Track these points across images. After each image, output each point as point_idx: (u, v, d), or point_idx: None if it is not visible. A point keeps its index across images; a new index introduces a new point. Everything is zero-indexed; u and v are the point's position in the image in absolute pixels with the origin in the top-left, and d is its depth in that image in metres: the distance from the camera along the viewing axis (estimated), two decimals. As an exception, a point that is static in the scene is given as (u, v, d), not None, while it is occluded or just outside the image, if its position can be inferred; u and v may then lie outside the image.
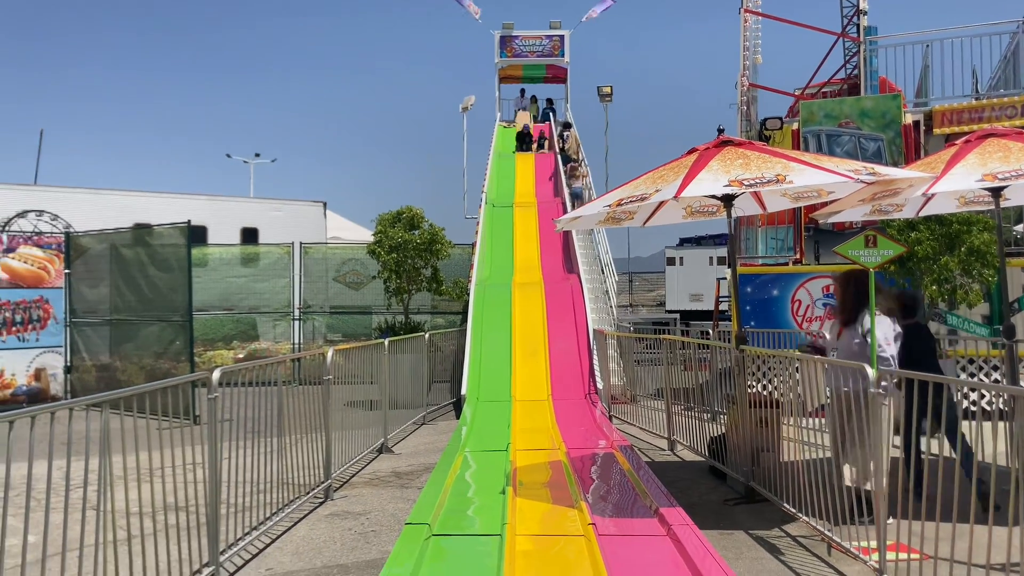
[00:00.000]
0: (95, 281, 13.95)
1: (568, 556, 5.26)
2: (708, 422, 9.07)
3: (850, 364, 5.62)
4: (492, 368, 13.78)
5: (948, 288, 10.28)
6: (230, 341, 18.11)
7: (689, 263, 32.69)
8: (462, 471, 7.86)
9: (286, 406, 6.48)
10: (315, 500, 7.18)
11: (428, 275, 15.39)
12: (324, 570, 5.39)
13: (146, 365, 12.87)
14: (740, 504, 6.90)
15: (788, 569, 5.28)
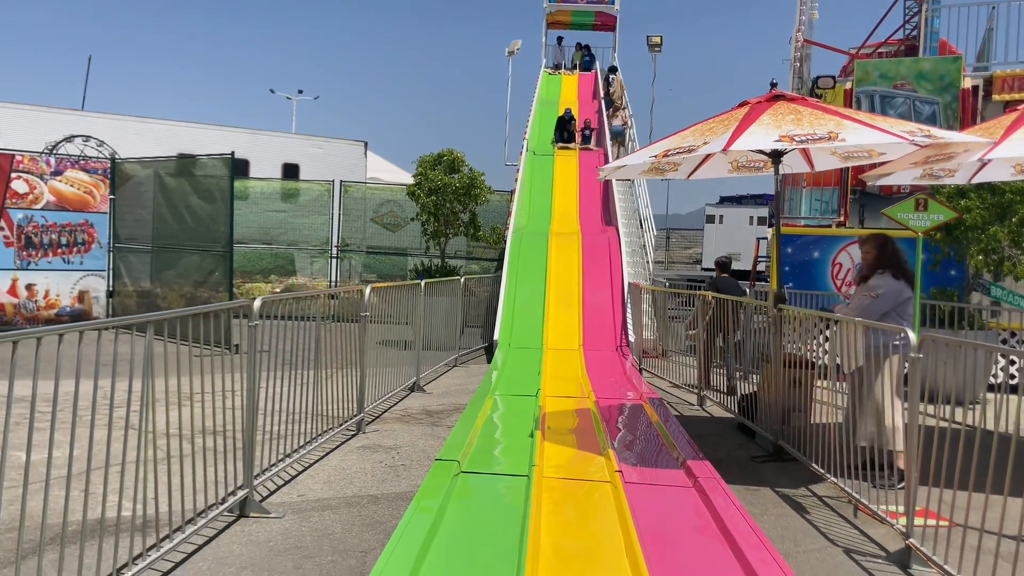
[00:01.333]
0: (139, 208, 14.14)
1: (594, 500, 5.32)
2: (739, 380, 9.06)
3: (891, 327, 5.56)
4: (525, 315, 13.82)
5: (995, 259, 10.05)
6: (268, 275, 18.33)
7: (729, 221, 32.35)
8: (492, 413, 7.94)
9: (323, 340, 6.57)
10: (347, 432, 7.32)
11: (466, 220, 15.40)
12: (354, 499, 5.51)
13: (186, 293, 13.09)
14: (768, 462, 6.92)
15: (813, 528, 5.30)
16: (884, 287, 6.24)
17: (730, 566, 4.21)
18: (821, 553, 4.84)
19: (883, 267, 6.37)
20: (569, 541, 4.61)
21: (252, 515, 5.06)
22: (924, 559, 4.58)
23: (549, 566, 4.07)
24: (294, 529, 4.87)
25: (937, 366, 4.94)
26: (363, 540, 4.74)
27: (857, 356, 5.88)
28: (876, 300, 6.23)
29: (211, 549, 4.50)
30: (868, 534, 5.21)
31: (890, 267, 6.35)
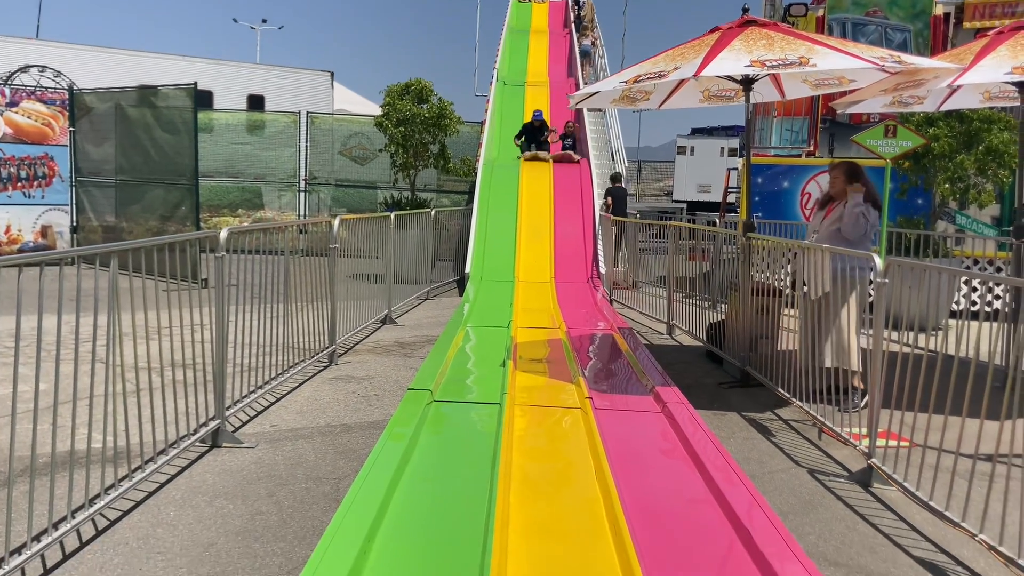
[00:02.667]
0: (100, 141, 13.81)
1: (565, 427, 5.40)
2: (708, 309, 9.15)
3: (858, 253, 5.63)
4: (496, 248, 13.79)
5: (961, 187, 10.16)
6: (235, 209, 18.09)
7: (700, 153, 32.27)
8: (464, 344, 7.98)
9: (292, 274, 6.52)
10: (319, 364, 7.33)
11: (435, 151, 15.22)
12: (327, 428, 5.55)
13: (152, 227, 12.88)
14: (735, 388, 7.04)
15: (778, 450, 5.43)
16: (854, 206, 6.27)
17: (697, 487, 4.31)
18: (786, 474, 4.96)
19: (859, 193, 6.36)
20: (540, 466, 4.69)
21: (225, 445, 5.07)
22: (885, 478, 4.71)
23: (520, 490, 4.14)
24: (267, 458, 4.90)
25: (902, 292, 5.02)
26: (337, 468, 4.78)
27: (824, 282, 5.95)
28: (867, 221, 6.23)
29: (184, 479, 4.52)
30: (832, 455, 5.35)
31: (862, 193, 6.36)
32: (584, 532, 3.74)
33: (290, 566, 3.51)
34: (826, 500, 4.54)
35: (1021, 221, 7.20)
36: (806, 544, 3.87)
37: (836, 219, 6.43)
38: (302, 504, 4.22)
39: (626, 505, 3.84)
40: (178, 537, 3.78)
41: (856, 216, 6.22)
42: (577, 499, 4.18)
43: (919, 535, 4.10)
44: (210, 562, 3.54)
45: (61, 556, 3.53)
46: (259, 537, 3.80)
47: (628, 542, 3.41)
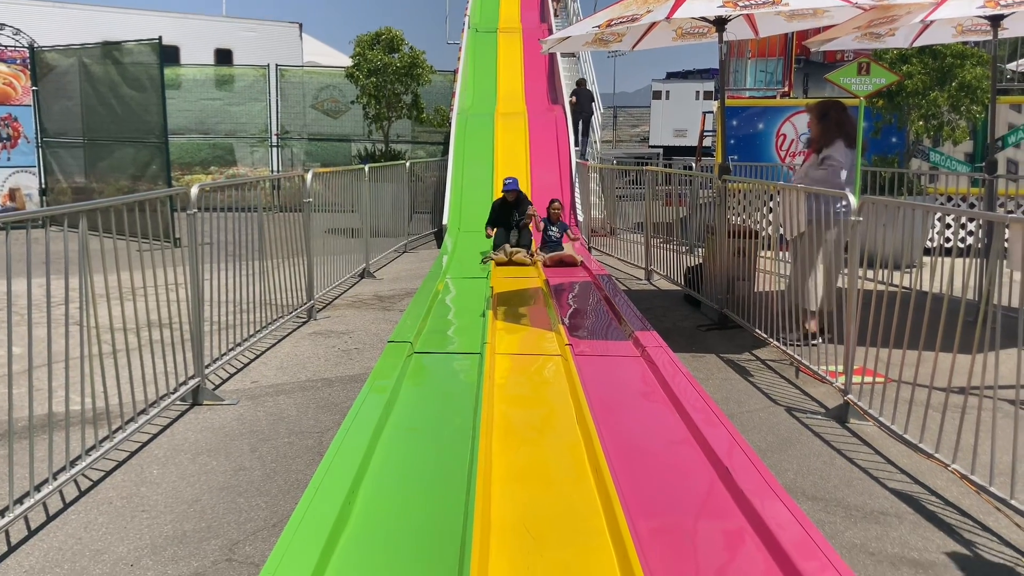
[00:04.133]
0: (65, 99, 13.51)
1: (545, 374, 5.43)
2: (685, 254, 9.19)
3: (832, 192, 5.64)
4: (473, 199, 13.71)
5: (935, 124, 10.18)
6: (207, 166, 17.84)
7: (675, 97, 32.06)
8: (443, 296, 7.97)
9: (267, 230, 6.45)
10: (298, 320, 7.30)
11: (408, 101, 15.03)
12: (308, 383, 5.55)
13: (123, 187, 12.69)
14: (713, 330, 7.10)
15: (756, 389, 5.49)
16: (840, 157, 6.25)
17: (677, 428, 4.36)
18: (764, 412, 5.03)
19: (835, 136, 6.35)
20: (522, 413, 4.72)
21: (206, 403, 5.07)
22: (861, 413, 4.79)
23: (503, 437, 4.17)
24: (249, 414, 4.90)
25: (876, 230, 5.04)
26: (319, 421, 4.79)
27: (799, 223, 5.98)
28: (835, 171, 6.24)
29: (166, 437, 4.52)
30: (809, 393, 5.43)
31: (842, 136, 6.34)
32: (566, 475, 3.78)
33: (275, 519, 3.53)
34: (803, 437, 4.62)
35: (993, 156, 7.24)
36: (785, 480, 3.94)
37: (812, 165, 6.45)
38: (285, 458, 4.23)
39: (607, 448, 3.89)
40: (162, 495, 3.79)
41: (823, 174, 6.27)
42: (559, 444, 4.22)
43: (894, 467, 4.18)
44: (195, 518, 3.55)
45: (45, 517, 3.53)
46: (243, 492, 3.82)
47: (610, 484, 3.46)
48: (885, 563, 3.21)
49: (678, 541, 3.18)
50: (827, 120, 6.39)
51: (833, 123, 6.35)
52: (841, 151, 6.30)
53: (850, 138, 6.34)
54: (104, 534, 3.40)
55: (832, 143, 6.33)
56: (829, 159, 6.28)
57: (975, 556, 3.27)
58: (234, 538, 3.37)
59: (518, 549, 3.05)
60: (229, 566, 3.15)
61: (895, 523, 3.55)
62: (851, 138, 6.34)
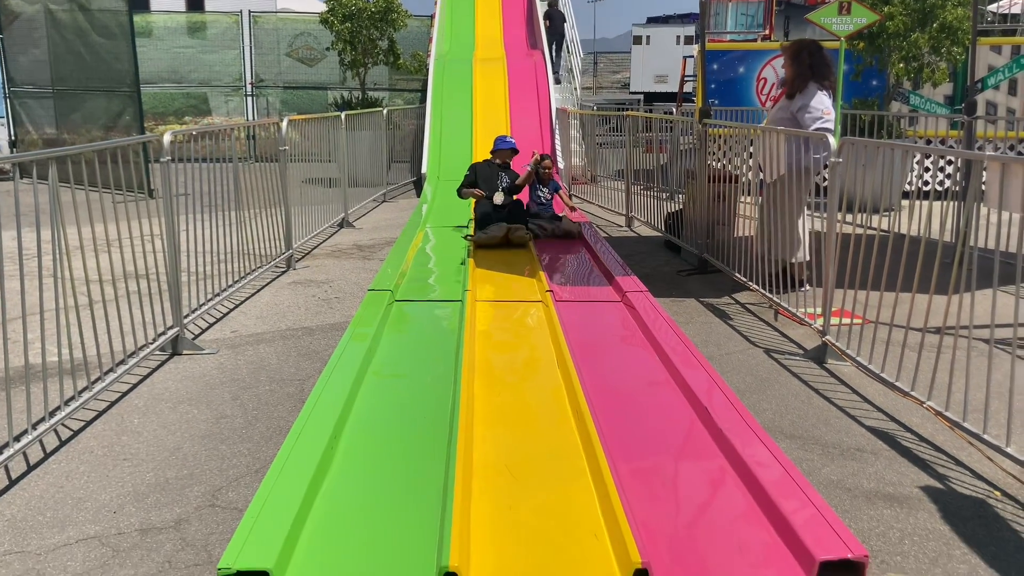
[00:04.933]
0: (32, 48, 13.18)
1: (526, 320, 5.44)
2: (666, 200, 9.17)
3: (813, 134, 5.62)
4: (452, 147, 13.58)
5: (915, 66, 10.14)
6: (182, 116, 17.54)
7: (656, 42, 31.73)
8: (423, 244, 7.93)
9: (243, 180, 6.36)
10: (277, 269, 7.25)
11: (384, 47, 14.77)
12: (289, 332, 5.53)
13: (96, 138, 12.45)
14: (693, 275, 7.13)
15: (736, 332, 5.53)
16: (817, 99, 6.14)
17: (657, 371, 4.39)
18: (743, 354, 5.08)
19: (808, 79, 6.22)
20: (503, 358, 4.73)
21: (185, 353, 5.04)
22: (839, 353, 4.84)
23: (484, 382, 4.19)
24: (229, 363, 4.89)
25: (856, 172, 5.04)
26: (300, 369, 4.79)
27: (779, 166, 5.96)
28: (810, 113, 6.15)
29: (146, 387, 4.50)
30: (787, 335, 5.48)
31: (816, 77, 6.18)
32: (548, 418, 3.81)
33: (257, 465, 3.54)
34: (782, 377, 4.67)
35: (973, 98, 7.24)
36: (763, 420, 3.99)
37: (781, 109, 6.36)
38: (267, 406, 4.23)
39: (588, 391, 3.91)
40: (143, 443, 3.78)
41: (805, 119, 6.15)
42: (541, 387, 4.24)
43: (871, 406, 4.24)
44: (177, 465, 3.55)
45: (26, 467, 3.52)
46: (225, 439, 3.82)
47: (591, 426, 3.48)
48: (861, 498, 3.27)
49: (658, 480, 3.22)
50: (799, 61, 6.20)
51: (806, 64, 6.15)
52: (814, 96, 6.12)
53: (824, 80, 6.15)
54: (86, 482, 3.39)
55: (805, 87, 6.15)
56: (804, 108, 6.11)
57: (948, 489, 3.34)
58: (216, 484, 3.38)
59: (500, 489, 3.08)
60: (212, 511, 3.16)
61: (871, 459, 3.61)
62: (825, 80, 6.15)
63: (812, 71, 6.17)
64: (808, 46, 6.29)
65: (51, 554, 2.86)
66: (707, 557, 2.66)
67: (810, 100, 6.10)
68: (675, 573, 2.55)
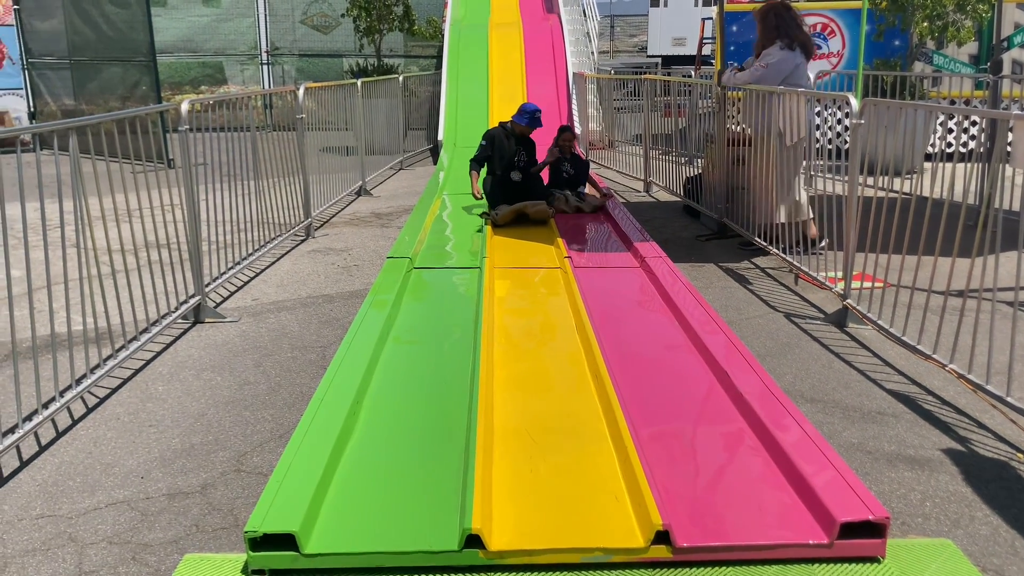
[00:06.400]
0: (48, 18, 13.17)
1: (545, 286, 5.44)
2: (684, 165, 9.11)
3: (834, 95, 5.55)
4: (469, 113, 13.50)
5: (940, 25, 9.95)
6: (198, 85, 17.52)
7: (673, 4, 31.24)
8: (440, 212, 7.92)
9: (260, 149, 6.36)
10: (297, 238, 7.28)
11: (400, 13, 14.65)
12: (309, 299, 5.56)
13: (113, 108, 12.47)
14: (712, 239, 7.08)
15: (756, 297, 5.51)
16: (772, 57, 6.31)
17: (676, 336, 4.39)
18: (763, 319, 5.06)
19: (773, 38, 6.37)
20: (522, 324, 4.74)
21: (208, 321, 5.09)
22: (860, 317, 4.82)
23: (504, 348, 4.20)
24: (251, 331, 4.93)
25: (878, 133, 4.97)
26: (321, 336, 4.82)
27: (799, 128, 5.90)
28: (766, 71, 6.32)
29: (169, 355, 4.55)
30: (808, 299, 5.45)
31: (780, 37, 6.34)
32: (567, 383, 3.82)
33: (281, 431, 3.58)
34: (802, 342, 4.65)
35: (999, 57, 7.10)
36: (783, 383, 3.98)
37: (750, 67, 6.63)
38: (289, 372, 4.27)
39: (607, 356, 3.92)
40: (168, 410, 3.83)
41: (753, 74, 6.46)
42: (560, 352, 4.25)
43: (892, 369, 4.23)
44: (202, 431, 3.60)
45: (55, 433, 3.58)
46: (249, 405, 3.87)
47: (611, 390, 3.50)
48: (882, 461, 3.27)
49: (678, 443, 3.23)
50: (767, 23, 6.41)
51: (772, 25, 6.36)
52: (776, 53, 6.31)
53: (790, 39, 6.31)
54: (113, 448, 3.45)
55: (770, 45, 6.37)
56: (760, 59, 6.39)
57: (970, 452, 3.33)
58: (241, 450, 3.43)
59: (521, 452, 3.10)
60: (237, 476, 3.21)
61: (892, 422, 3.61)
62: (791, 39, 6.31)
63: (777, 31, 6.35)
64: (774, 7, 6.45)
65: (82, 518, 2.92)
66: (727, 519, 2.68)
67: (767, 55, 6.35)
68: (695, 535, 2.57)
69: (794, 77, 6.27)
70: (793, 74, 6.27)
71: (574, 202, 7.52)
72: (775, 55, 6.29)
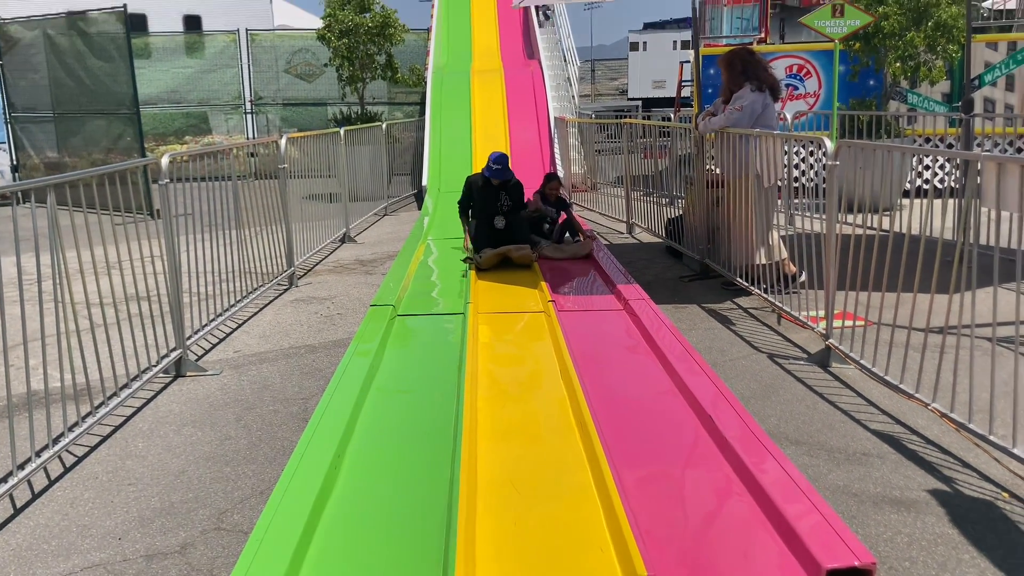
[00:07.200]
0: (31, 73, 13.25)
1: (529, 331, 5.43)
2: (666, 206, 9.17)
3: (810, 136, 5.62)
4: (452, 158, 13.60)
5: (912, 65, 10.14)
6: (182, 136, 17.60)
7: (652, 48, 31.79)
8: (425, 257, 7.93)
9: (243, 198, 6.38)
10: (280, 287, 7.26)
11: (382, 62, 14.82)
12: (292, 350, 5.53)
13: (96, 160, 12.49)
14: (695, 280, 7.11)
15: (739, 338, 5.52)
16: (744, 99, 6.43)
17: (660, 380, 4.38)
18: (747, 360, 5.06)
19: (743, 81, 6.50)
20: (506, 371, 4.72)
21: (189, 374, 5.05)
22: (843, 357, 4.83)
23: (488, 395, 4.18)
24: (233, 384, 4.89)
25: (855, 174, 5.03)
26: (303, 388, 4.78)
27: (776, 170, 5.96)
28: (740, 113, 6.44)
29: (150, 410, 4.50)
30: (791, 339, 5.46)
31: (749, 79, 6.48)
32: (552, 430, 3.80)
33: (262, 487, 3.54)
34: (786, 383, 4.65)
35: (970, 96, 7.23)
36: (768, 426, 3.97)
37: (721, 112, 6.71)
38: (271, 426, 4.23)
39: (592, 401, 3.90)
40: (148, 467, 3.78)
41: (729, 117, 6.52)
42: (544, 399, 4.23)
43: (876, 409, 4.22)
44: (182, 489, 3.55)
45: (31, 495, 3.52)
46: (229, 461, 3.82)
47: (595, 437, 3.47)
48: (868, 503, 3.25)
49: (663, 490, 3.21)
50: (733, 68, 6.56)
51: (739, 70, 6.50)
52: (748, 95, 6.43)
53: (759, 80, 6.46)
54: (91, 509, 3.39)
55: (740, 88, 6.49)
56: (733, 102, 6.50)
57: (956, 492, 3.32)
58: (222, 507, 3.38)
59: (505, 504, 3.07)
60: (218, 535, 3.15)
61: (877, 463, 3.59)
62: (760, 80, 6.46)
63: (745, 74, 6.50)
64: (739, 53, 6.66)
65: (57, 582, 2.86)
66: (713, 567, 2.64)
67: (739, 98, 6.46)
68: (681, 585, 2.53)
69: (764, 118, 6.38)
70: (764, 114, 6.38)
71: (558, 253, 7.48)
72: (746, 97, 6.39)
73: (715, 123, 6.68)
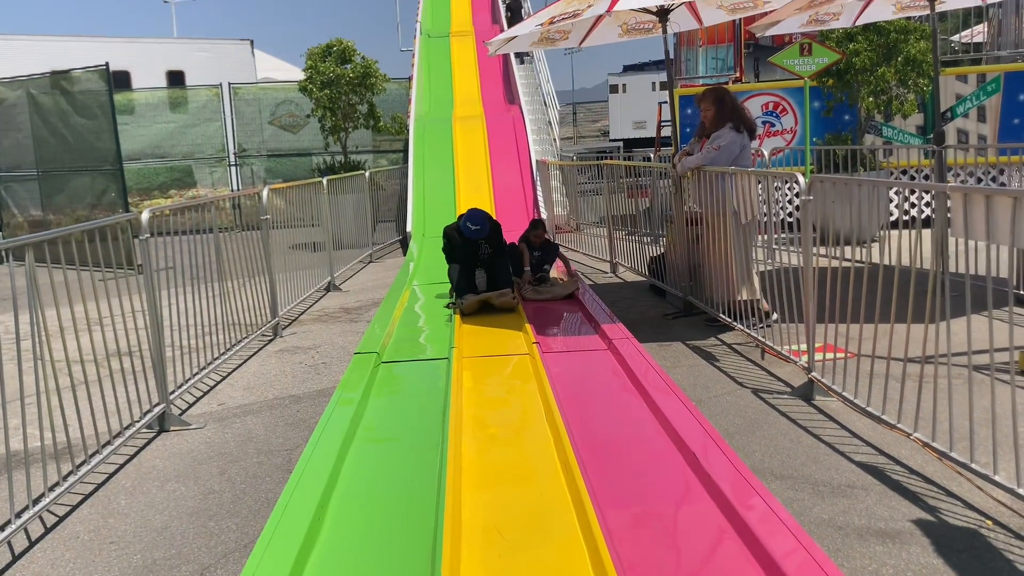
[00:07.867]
0: (14, 132, 13.32)
1: (513, 373, 5.43)
2: (648, 244, 9.25)
3: (784, 172, 5.71)
4: (436, 204, 13.69)
5: (884, 99, 10.33)
6: (167, 190, 17.67)
7: (632, 89, 32.26)
8: (410, 303, 7.95)
9: (225, 250, 6.40)
10: (264, 338, 7.25)
11: (364, 111, 14.97)
12: (276, 401, 5.51)
13: (81, 217, 12.51)
14: (679, 318, 7.15)
15: (723, 374, 5.54)
16: (723, 139, 6.52)
17: (645, 419, 4.38)
18: (732, 396, 5.07)
19: (723, 120, 6.60)
20: (491, 415, 4.72)
21: (172, 429, 5.02)
22: (825, 389, 4.85)
23: (472, 441, 4.17)
24: (216, 437, 4.86)
25: (827, 208, 5.10)
26: (287, 439, 4.76)
27: (752, 206, 6.04)
28: (719, 152, 6.52)
29: (133, 466, 4.46)
30: (774, 373, 5.48)
31: (730, 119, 6.58)
32: (536, 474, 3.78)
33: (246, 540, 3.51)
34: (770, 417, 4.66)
35: (941, 128, 7.36)
36: (752, 462, 3.98)
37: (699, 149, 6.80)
38: (255, 479, 4.20)
39: (576, 443, 3.90)
40: (130, 525, 3.74)
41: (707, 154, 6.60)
42: (528, 443, 4.23)
43: (860, 440, 4.24)
44: (164, 545, 3.52)
45: (11, 557, 3.48)
46: (213, 515, 3.79)
47: (579, 480, 3.47)
48: (853, 536, 3.25)
49: (648, 531, 3.20)
50: (723, 106, 6.63)
51: (728, 108, 6.60)
52: (727, 135, 6.52)
53: (739, 121, 6.58)
54: (72, 570, 3.35)
55: (721, 126, 6.58)
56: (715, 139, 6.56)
57: (940, 521, 3.32)
58: (205, 563, 3.35)
59: (490, 551, 3.05)
60: (200, 591, 3.12)
61: (862, 495, 3.60)
62: (740, 121, 6.59)
63: (731, 114, 6.61)
64: (726, 91, 6.81)
65: (36, 646, 2.82)
66: (699, 607, 2.63)
67: (719, 138, 6.53)
68: (667, 626, 2.52)
69: (741, 158, 6.48)
70: (740, 155, 6.47)
71: (541, 295, 7.47)
72: (725, 136, 6.48)
73: (691, 162, 6.77)
